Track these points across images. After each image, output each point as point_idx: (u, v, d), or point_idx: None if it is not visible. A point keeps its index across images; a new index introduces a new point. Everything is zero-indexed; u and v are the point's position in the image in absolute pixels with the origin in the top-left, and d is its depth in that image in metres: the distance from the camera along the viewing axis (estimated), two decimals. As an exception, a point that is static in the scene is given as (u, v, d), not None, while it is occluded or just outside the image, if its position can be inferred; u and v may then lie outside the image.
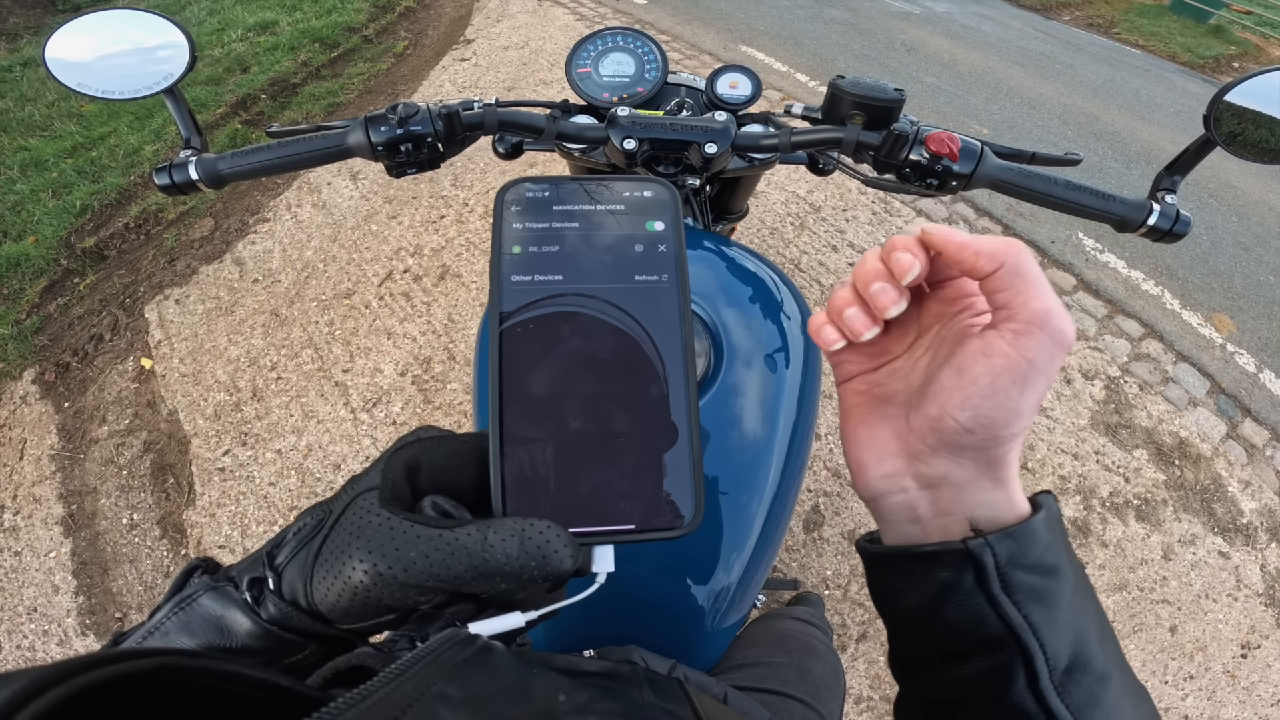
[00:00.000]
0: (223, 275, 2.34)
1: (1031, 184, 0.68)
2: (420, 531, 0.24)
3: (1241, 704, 1.61)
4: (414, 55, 3.70)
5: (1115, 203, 0.68)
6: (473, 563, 0.24)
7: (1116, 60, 5.22)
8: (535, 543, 0.24)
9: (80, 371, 2.06)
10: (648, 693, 0.39)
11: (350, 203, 2.62)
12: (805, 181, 2.86)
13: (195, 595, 0.29)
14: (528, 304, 0.28)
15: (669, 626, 0.67)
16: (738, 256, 0.88)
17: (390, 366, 2.05)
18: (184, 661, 0.17)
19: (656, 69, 0.85)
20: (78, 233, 2.46)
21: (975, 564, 0.26)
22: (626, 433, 0.28)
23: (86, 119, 3.01)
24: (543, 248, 0.29)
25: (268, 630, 0.28)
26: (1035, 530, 0.27)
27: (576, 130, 0.74)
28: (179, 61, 0.66)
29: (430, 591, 0.24)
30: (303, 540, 0.28)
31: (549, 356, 0.28)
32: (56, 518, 1.75)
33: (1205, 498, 1.97)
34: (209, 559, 0.32)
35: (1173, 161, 0.68)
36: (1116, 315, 2.49)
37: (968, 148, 0.67)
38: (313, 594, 0.26)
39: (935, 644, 0.29)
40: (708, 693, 0.56)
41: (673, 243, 0.30)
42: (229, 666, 0.18)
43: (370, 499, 0.26)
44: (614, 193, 0.31)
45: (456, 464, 0.28)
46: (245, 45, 3.55)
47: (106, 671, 0.15)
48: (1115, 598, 1.74)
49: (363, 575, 0.24)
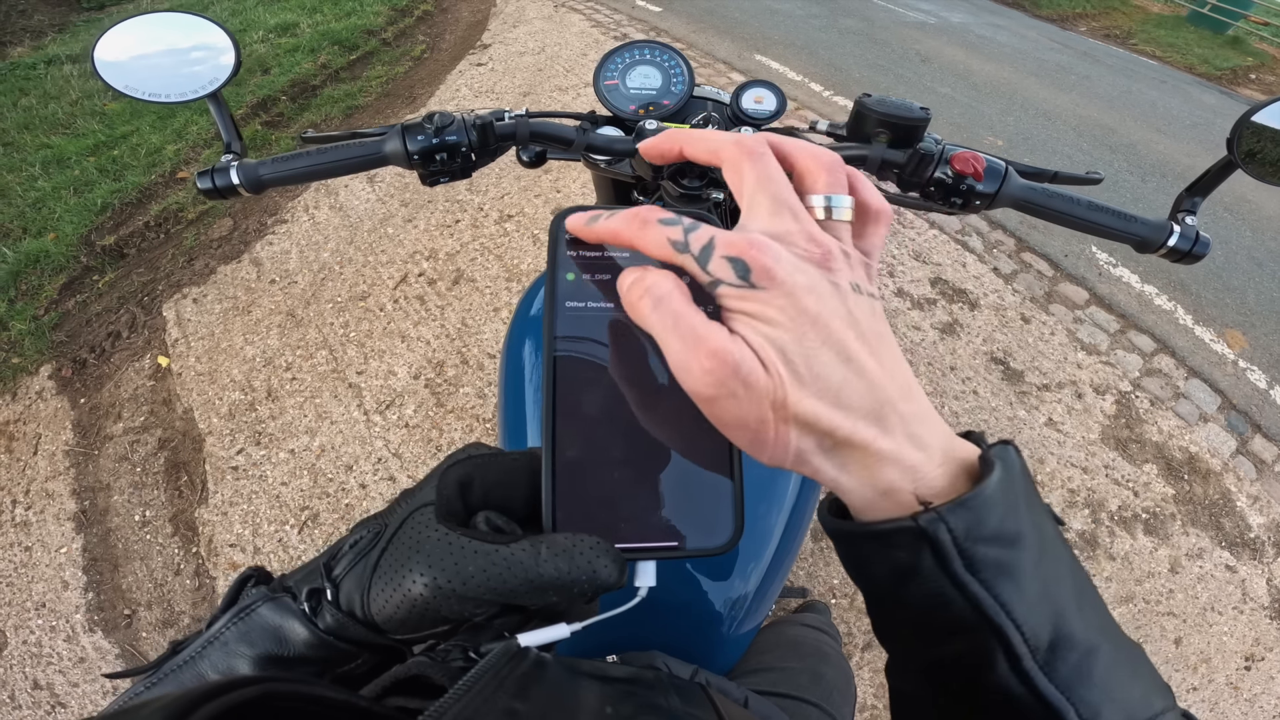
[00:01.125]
0: (240, 275, 2.37)
1: (1054, 204, 0.68)
2: (478, 547, 0.25)
3: (1244, 715, 1.61)
4: (431, 59, 3.73)
5: (1136, 224, 0.68)
6: (527, 577, 0.25)
7: (1133, 71, 5.20)
8: (585, 558, 0.25)
9: (97, 368, 2.09)
10: (674, 698, 0.40)
11: (367, 206, 2.65)
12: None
13: (254, 606, 0.30)
14: (580, 328, 0.29)
15: (688, 631, 0.68)
16: None
17: (404, 369, 2.07)
18: (282, 688, 0.18)
19: (683, 83, 0.86)
20: (98, 230, 2.49)
21: (930, 542, 0.24)
22: (673, 453, 0.29)
23: (109, 118, 3.05)
24: (596, 275, 0.30)
25: (323, 640, 0.29)
26: (991, 495, 0.24)
27: (605, 142, 0.75)
28: (224, 66, 0.66)
29: (485, 604, 0.25)
30: (360, 553, 0.29)
31: (600, 379, 0.29)
32: (69, 513, 1.77)
33: (1214, 512, 1.97)
34: (260, 568, 0.34)
35: (1194, 183, 0.69)
36: (1129, 330, 2.49)
37: (992, 167, 0.68)
38: (370, 605, 0.27)
39: (908, 622, 0.27)
40: (729, 697, 0.57)
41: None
42: (318, 690, 0.20)
43: (427, 514, 0.27)
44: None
45: (508, 481, 0.29)
46: (266, 46, 3.60)
47: (220, 704, 0.16)
48: (1122, 609, 1.74)
49: (422, 588, 0.25)
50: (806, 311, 0.23)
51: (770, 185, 0.26)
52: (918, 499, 0.24)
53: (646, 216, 0.25)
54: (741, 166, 0.26)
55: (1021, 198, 0.68)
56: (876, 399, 0.24)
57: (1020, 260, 2.73)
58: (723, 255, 0.24)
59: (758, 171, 0.26)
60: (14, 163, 2.73)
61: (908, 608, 0.26)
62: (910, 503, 0.25)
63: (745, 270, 0.23)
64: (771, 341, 0.23)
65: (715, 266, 0.24)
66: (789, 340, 0.23)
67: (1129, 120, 4.07)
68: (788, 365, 0.23)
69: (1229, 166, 0.65)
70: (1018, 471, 0.26)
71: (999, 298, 2.55)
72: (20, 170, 2.69)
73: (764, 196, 0.26)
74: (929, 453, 0.25)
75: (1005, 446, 0.26)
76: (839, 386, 0.24)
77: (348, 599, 0.28)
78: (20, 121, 3.00)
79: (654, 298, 0.24)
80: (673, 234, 0.25)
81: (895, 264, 2.62)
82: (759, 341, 0.24)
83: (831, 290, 0.24)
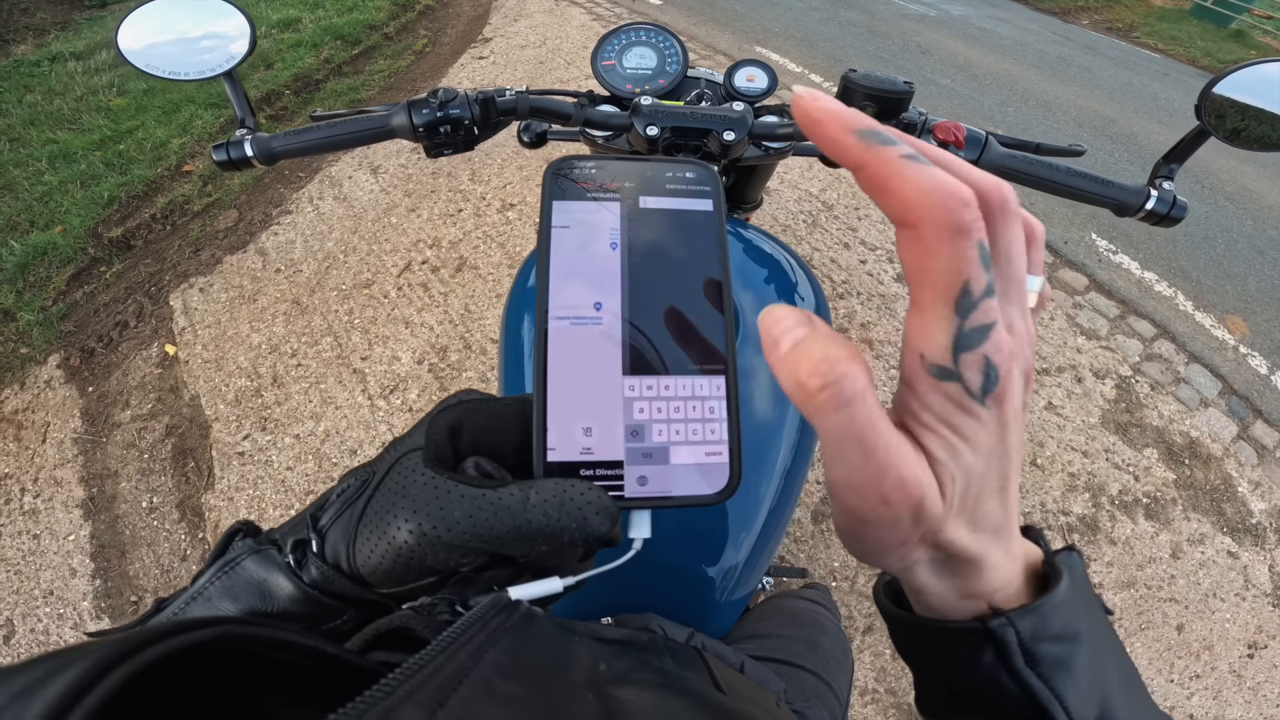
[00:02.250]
0: (246, 265, 2.39)
1: (1035, 170, 0.71)
2: (464, 491, 0.24)
3: (1247, 704, 1.60)
4: (433, 53, 3.75)
5: (1114, 188, 0.71)
6: (515, 523, 0.24)
7: (1135, 64, 5.18)
8: (576, 504, 0.24)
9: (105, 357, 2.11)
10: (668, 661, 0.39)
11: (370, 196, 2.67)
12: (818, 180, 2.88)
13: (239, 559, 0.29)
14: (574, 278, 0.29)
15: (682, 595, 0.69)
16: (755, 239, 0.90)
17: (408, 355, 2.09)
18: (240, 630, 0.17)
19: (677, 62, 0.88)
20: (105, 223, 2.51)
21: (996, 642, 0.24)
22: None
23: (114, 113, 3.07)
24: (589, 225, 0.30)
25: (308, 594, 0.28)
26: (1059, 602, 0.24)
27: (602, 118, 0.77)
28: (240, 45, 0.69)
29: (472, 553, 0.24)
30: (346, 501, 0.28)
31: (592, 326, 0.29)
32: (77, 500, 1.79)
33: (1215, 497, 1.97)
34: (249, 522, 0.32)
35: (1170, 151, 0.72)
36: (1129, 315, 2.49)
37: (973, 136, 0.71)
38: (355, 555, 0.26)
39: (956, 701, 0.28)
40: (725, 661, 0.57)
41: (714, 219, 0.31)
42: (281, 634, 0.18)
43: (414, 459, 0.26)
44: (657, 172, 0.32)
45: (498, 426, 0.28)
46: (270, 42, 3.62)
47: (170, 645, 0.15)
48: (1123, 595, 1.74)
49: (407, 535, 0.24)
50: (1008, 445, 0.21)
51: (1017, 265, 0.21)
52: (990, 605, 0.24)
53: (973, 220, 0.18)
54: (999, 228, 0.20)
55: (1002, 164, 0.71)
56: (1007, 518, 0.23)
57: (1020, 247, 2.73)
58: (986, 354, 0.19)
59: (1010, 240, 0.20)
60: (20, 158, 2.75)
61: (959, 692, 0.27)
62: (983, 608, 0.25)
63: (993, 383, 0.19)
64: (964, 472, 0.20)
65: (968, 363, 0.19)
66: (978, 472, 0.21)
67: (1130, 112, 4.06)
68: (962, 497, 0.21)
69: (1202, 134, 0.68)
70: (1081, 578, 0.26)
71: (999, 284, 2.55)
72: (27, 165, 2.71)
73: (1002, 278, 0.20)
74: (1016, 561, 0.25)
75: (1071, 554, 0.27)
76: (987, 513, 0.22)
77: (333, 550, 0.27)
78: (26, 118, 3.02)
79: (841, 396, 0.19)
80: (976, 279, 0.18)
81: (894, 250, 2.60)
82: (952, 470, 0.20)
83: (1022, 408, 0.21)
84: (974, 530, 0.22)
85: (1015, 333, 0.20)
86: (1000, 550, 0.23)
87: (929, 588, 0.25)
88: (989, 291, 0.18)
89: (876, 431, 0.19)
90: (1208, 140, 0.69)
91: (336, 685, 0.19)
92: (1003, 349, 0.19)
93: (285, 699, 0.19)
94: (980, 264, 0.18)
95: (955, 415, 0.19)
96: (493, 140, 0.86)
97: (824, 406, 0.19)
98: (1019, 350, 0.20)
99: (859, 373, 0.19)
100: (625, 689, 0.26)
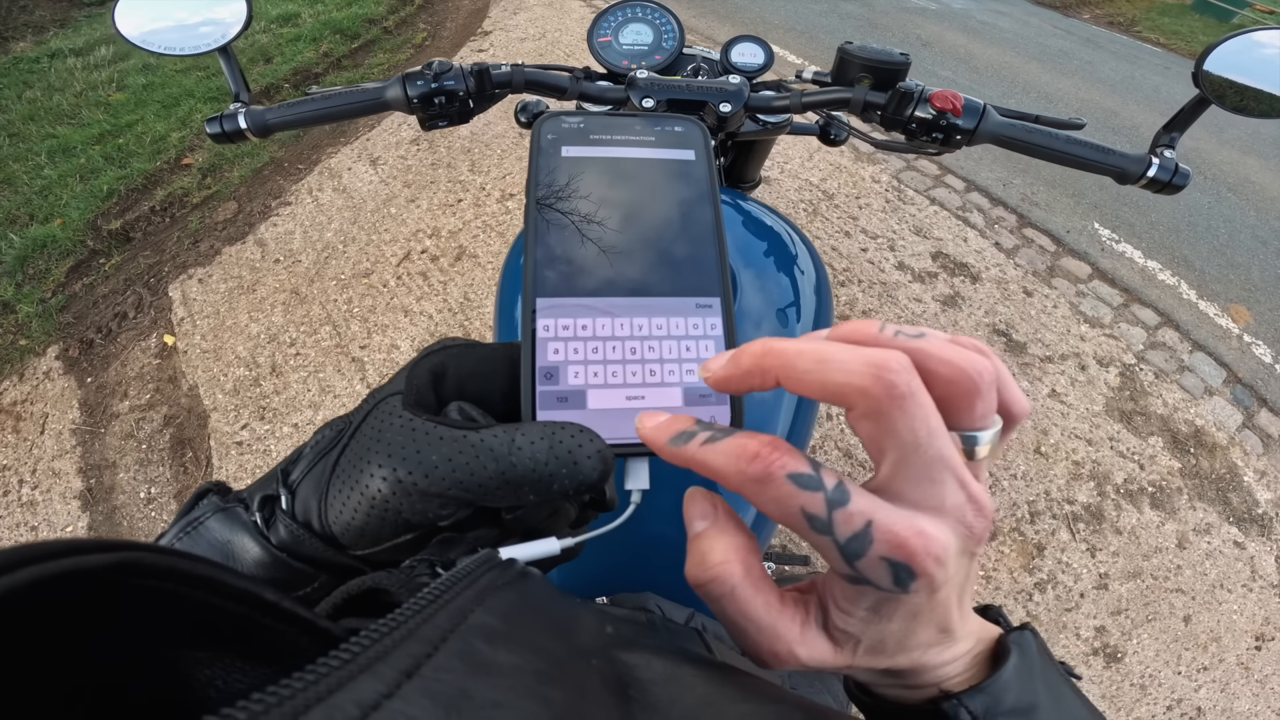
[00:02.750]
0: (245, 256, 2.38)
1: (1034, 139, 0.70)
2: (443, 433, 0.22)
3: (1255, 697, 1.58)
4: (432, 47, 3.75)
5: (1115, 156, 0.70)
6: (499, 467, 0.22)
7: (1136, 58, 5.16)
8: (566, 446, 0.22)
9: (104, 348, 2.10)
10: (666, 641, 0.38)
11: (370, 187, 2.66)
12: (818, 169, 2.87)
13: (202, 518, 0.27)
14: (563, 232, 0.29)
15: (679, 572, 0.68)
16: (754, 210, 0.89)
17: (406, 343, 2.08)
18: (148, 558, 0.12)
19: (674, 39, 0.88)
20: (104, 216, 2.51)
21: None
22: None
23: (114, 108, 3.07)
24: (578, 175, 0.30)
25: (276, 558, 0.25)
26: (1007, 680, 0.24)
27: (598, 91, 0.78)
28: (235, 20, 0.69)
29: (452, 503, 0.22)
30: (320, 453, 0.25)
31: (583, 270, 0.28)
32: (75, 492, 1.78)
33: (1220, 487, 1.95)
34: (221, 483, 0.30)
35: (1171, 120, 0.71)
36: (1132, 304, 2.47)
37: (970, 105, 0.70)
38: (327, 512, 0.24)
39: None
40: (725, 643, 0.55)
41: (705, 170, 0.31)
42: (203, 570, 0.13)
43: (393, 403, 0.24)
44: (645, 126, 0.32)
45: (485, 371, 0.26)
46: (269, 37, 3.62)
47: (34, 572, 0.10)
48: (1129, 586, 1.72)
49: (380, 484, 0.22)
50: (936, 607, 0.21)
51: (931, 445, 0.19)
52: (940, 689, 0.25)
53: (769, 464, 0.19)
54: (889, 416, 0.19)
55: (1001, 134, 0.71)
56: (945, 633, 0.23)
57: (1022, 236, 2.72)
58: (882, 556, 0.19)
59: (911, 426, 0.19)
60: (20, 153, 2.75)
61: None
62: (933, 692, 0.25)
63: (908, 578, 0.19)
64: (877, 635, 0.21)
65: (867, 567, 0.19)
66: (894, 632, 0.21)
67: (1132, 104, 4.04)
68: (873, 649, 0.22)
69: (1202, 103, 0.68)
70: (1034, 654, 0.26)
71: (1001, 271, 2.54)
72: (26, 160, 2.71)
73: (917, 463, 0.19)
74: (965, 644, 0.24)
75: (1023, 633, 0.26)
76: (916, 644, 0.22)
77: (304, 507, 0.25)
78: (25, 113, 3.01)
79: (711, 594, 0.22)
80: (809, 503, 0.19)
81: (895, 238, 2.61)
82: (857, 637, 0.22)
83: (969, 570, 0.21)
84: (902, 653, 0.22)
85: (946, 509, 0.20)
86: (939, 652, 0.23)
87: (873, 684, 0.26)
88: (836, 503, 0.19)
89: (745, 618, 0.21)
90: (1209, 109, 0.68)
91: (292, 647, 0.16)
92: (902, 544, 0.19)
93: (215, 656, 0.15)
94: (804, 490, 0.19)
95: (877, 604, 0.20)
96: (492, 132, 0.85)
97: (704, 598, 0.22)
98: (934, 533, 0.19)
99: (727, 574, 0.21)
100: (635, 654, 0.24)
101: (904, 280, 2.44)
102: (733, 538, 0.22)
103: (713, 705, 0.21)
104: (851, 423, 0.20)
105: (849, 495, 0.19)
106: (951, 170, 2.99)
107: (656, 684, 0.22)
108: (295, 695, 0.11)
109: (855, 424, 0.20)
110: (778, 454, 0.19)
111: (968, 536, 0.20)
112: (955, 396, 0.20)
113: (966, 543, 0.20)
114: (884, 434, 0.19)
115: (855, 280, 2.41)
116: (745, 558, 0.22)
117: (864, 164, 2.94)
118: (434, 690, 0.13)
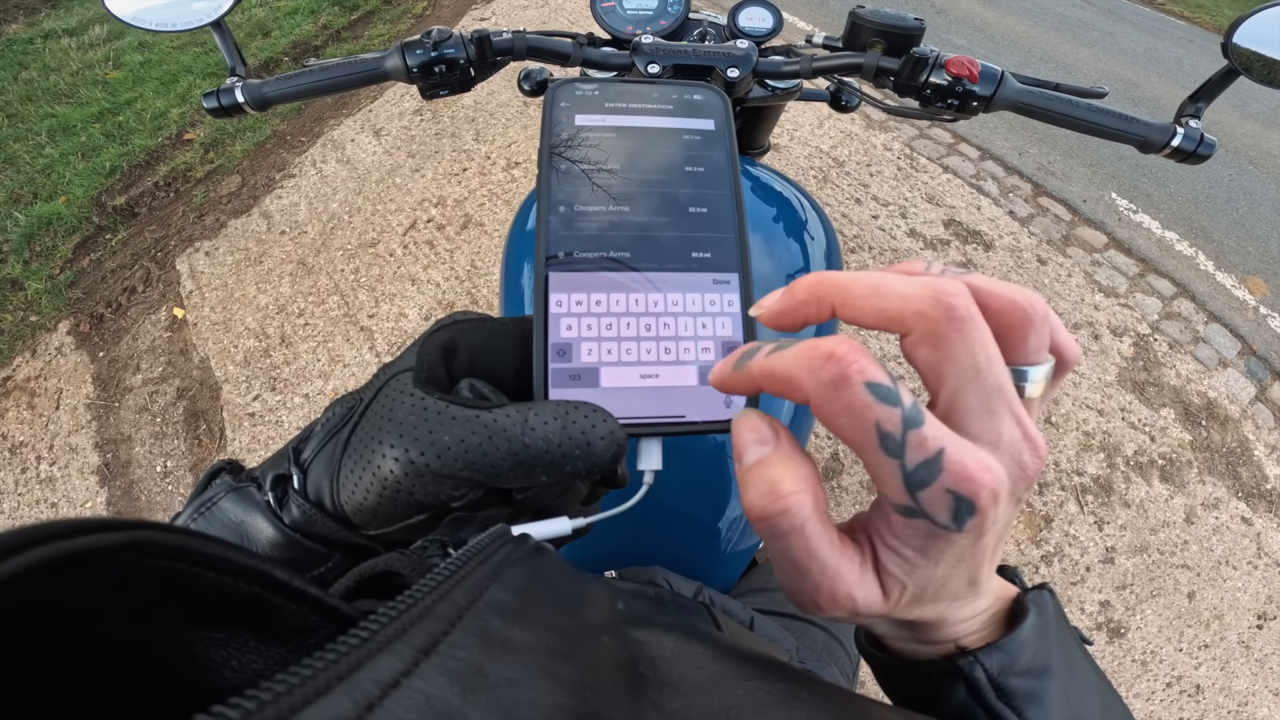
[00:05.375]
0: (251, 228, 2.38)
1: (1054, 106, 0.68)
2: (456, 412, 0.22)
3: (1254, 676, 1.58)
4: (433, 15, 3.68)
5: (1139, 125, 0.68)
6: (512, 448, 0.21)
7: (1159, 30, 5.03)
8: (579, 427, 0.22)
9: (114, 322, 2.11)
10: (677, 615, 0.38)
11: (374, 158, 2.64)
12: (829, 137, 2.82)
13: (215, 499, 0.27)
14: (575, 199, 0.28)
15: (687, 545, 0.68)
16: (764, 176, 0.87)
17: (414, 311, 2.08)
18: (158, 537, 0.12)
19: (679, 2, 0.85)
20: (108, 192, 2.50)
21: (966, 679, 0.24)
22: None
23: (112, 86, 3.04)
24: (592, 144, 0.29)
25: (290, 538, 0.25)
26: (1025, 639, 0.24)
27: (602, 57, 0.76)
28: None
29: (465, 484, 0.22)
30: (331, 431, 0.25)
31: (596, 244, 0.28)
32: (92, 467, 1.79)
33: (1231, 461, 1.93)
34: (234, 461, 0.30)
35: (1197, 90, 0.69)
36: (1148, 274, 2.44)
37: (988, 71, 0.68)
38: (339, 491, 0.24)
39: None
40: (734, 617, 0.56)
41: (725, 142, 0.30)
42: (215, 549, 0.13)
43: (403, 381, 0.23)
44: (663, 94, 0.31)
45: (496, 347, 0.26)
46: (265, 10, 3.56)
47: (44, 552, 0.10)
48: (1135, 560, 1.72)
49: (393, 464, 0.22)
50: (977, 554, 0.20)
51: (990, 371, 0.19)
52: (956, 645, 0.25)
53: (847, 367, 0.18)
54: (948, 340, 0.18)
55: (1019, 100, 0.68)
56: (973, 585, 0.22)
57: (1037, 204, 2.67)
58: (948, 488, 0.18)
59: (971, 351, 0.18)
60: (19, 133, 2.73)
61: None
62: (950, 649, 0.25)
63: (967, 514, 0.18)
64: (921, 581, 0.21)
65: (929, 498, 0.18)
66: (939, 576, 0.21)
67: (1153, 76, 3.95)
68: (914, 598, 0.21)
69: (1230, 73, 0.66)
70: (1051, 615, 0.26)
71: (1014, 239, 2.50)
72: (26, 140, 2.70)
73: (976, 391, 0.19)
74: (984, 602, 0.24)
75: (1041, 592, 0.26)
76: (949, 593, 0.22)
77: (316, 486, 0.25)
78: (23, 94, 2.99)
79: (778, 529, 0.19)
80: (885, 419, 0.18)
81: (907, 206, 2.57)
82: (904, 582, 0.21)
83: (1009, 518, 0.21)
84: (932, 603, 0.22)
85: (1002, 445, 0.19)
86: (962, 605, 0.23)
87: (889, 637, 0.26)
88: (912, 422, 0.17)
89: (811, 556, 0.20)
90: (1237, 80, 0.66)
91: (305, 627, 0.15)
92: (970, 478, 0.18)
93: (229, 636, 0.15)
94: (882, 403, 0.17)
95: (925, 543, 0.20)
96: (496, 100, 0.83)
97: (764, 533, 0.20)
98: (997, 469, 0.18)
99: (800, 505, 0.19)
100: (645, 631, 0.23)
101: (916, 247, 2.41)
102: (801, 465, 0.20)
103: (721, 683, 0.21)
104: (907, 350, 0.19)
105: (924, 417, 0.18)
106: (966, 139, 2.93)
107: (667, 661, 0.22)
108: (316, 675, 0.11)
109: (911, 351, 0.19)
110: (855, 355, 0.18)
111: (1019, 477, 0.19)
112: (1009, 328, 0.20)
113: (1017, 485, 0.20)
114: (943, 359, 0.19)
115: (866, 246, 2.38)
116: (815, 488, 0.20)
117: (875, 131, 2.89)
118: (451, 668, 0.13)
